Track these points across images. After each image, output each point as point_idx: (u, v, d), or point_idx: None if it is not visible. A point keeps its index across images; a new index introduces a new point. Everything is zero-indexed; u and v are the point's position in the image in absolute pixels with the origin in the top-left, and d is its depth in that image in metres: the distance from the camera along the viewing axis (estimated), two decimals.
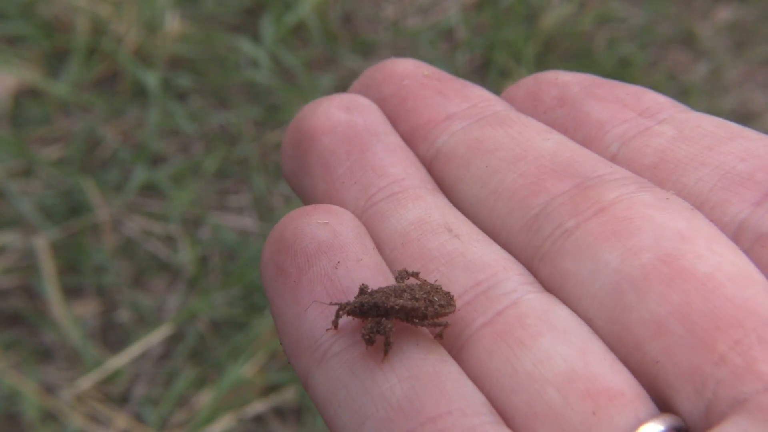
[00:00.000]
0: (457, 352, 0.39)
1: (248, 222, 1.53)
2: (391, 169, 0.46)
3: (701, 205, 0.40)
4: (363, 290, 0.42)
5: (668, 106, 0.46)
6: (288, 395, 1.32)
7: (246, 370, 1.31)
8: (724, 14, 1.89)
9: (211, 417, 1.28)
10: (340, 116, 0.48)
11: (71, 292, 1.42)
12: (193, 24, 1.75)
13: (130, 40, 1.69)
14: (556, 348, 0.36)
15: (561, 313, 0.38)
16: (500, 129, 0.46)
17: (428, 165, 0.48)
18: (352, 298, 0.42)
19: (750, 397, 0.32)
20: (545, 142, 0.45)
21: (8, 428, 1.28)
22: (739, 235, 0.38)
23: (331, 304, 0.41)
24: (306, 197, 0.49)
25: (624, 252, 0.38)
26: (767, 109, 1.73)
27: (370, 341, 0.40)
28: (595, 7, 1.88)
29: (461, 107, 0.48)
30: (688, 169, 0.42)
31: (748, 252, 0.37)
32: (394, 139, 0.48)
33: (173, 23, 1.71)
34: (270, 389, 1.33)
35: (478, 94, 0.50)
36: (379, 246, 0.44)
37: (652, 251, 0.37)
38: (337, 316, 0.41)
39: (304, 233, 0.42)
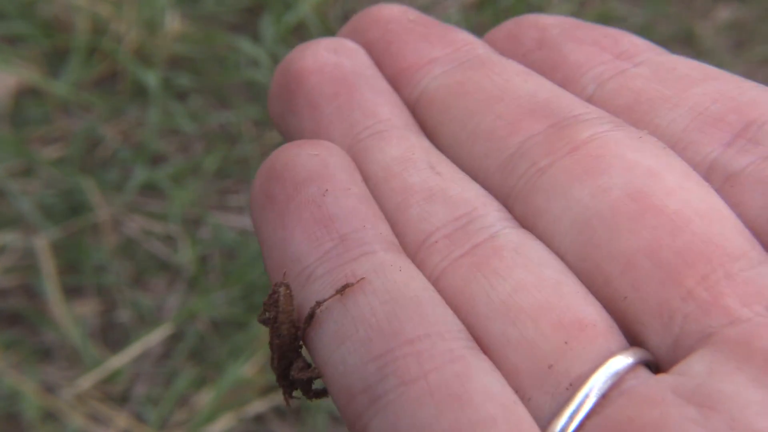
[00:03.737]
0: (435, 282, 0.39)
1: (248, 222, 1.53)
2: (378, 109, 0.46)
3: (674, 145, 0.41)
4: None
5: (645, 48, 0.47)
6: None
7: (246, 370, 1.31)
8: (724, 14, 1.89)
9: (211, 416, 1.28)
10: (328, 58, 0.48)
11: (71, 292, 1.42)
12: (193, 24, 1.75)
13: (130, 39, 1.69)
14: (531, 279, 0.36)
15: (536, 247, 0.38)
16: (480, 71, 0.46)
17: (412, 108, 0.48)
18: (338, 226, 0.42)
19: (716, 330, 0.32)
20: (524, 83, 0.45)
21: (8, 428, 1.28)
22: (710, 174, 0.39)
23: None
24: (293, 137, 0.49)
25: (594, 189, 0.38)
26: None
27: None
28: (595, 7, 1.88)
29: (444, 51, 0.48)
30: (661, 111, 0.42)
31: (719, 191, 0.38)
32: (381, 83, 0.48)
33: (173, 23, 1.72)
34: (270, 389, 1.33)
35: (462, 38, 0.50)
36: (364, 180, 0.45)
37: (622, 188, 0.37)
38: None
39: (295, 163, 0.42)
